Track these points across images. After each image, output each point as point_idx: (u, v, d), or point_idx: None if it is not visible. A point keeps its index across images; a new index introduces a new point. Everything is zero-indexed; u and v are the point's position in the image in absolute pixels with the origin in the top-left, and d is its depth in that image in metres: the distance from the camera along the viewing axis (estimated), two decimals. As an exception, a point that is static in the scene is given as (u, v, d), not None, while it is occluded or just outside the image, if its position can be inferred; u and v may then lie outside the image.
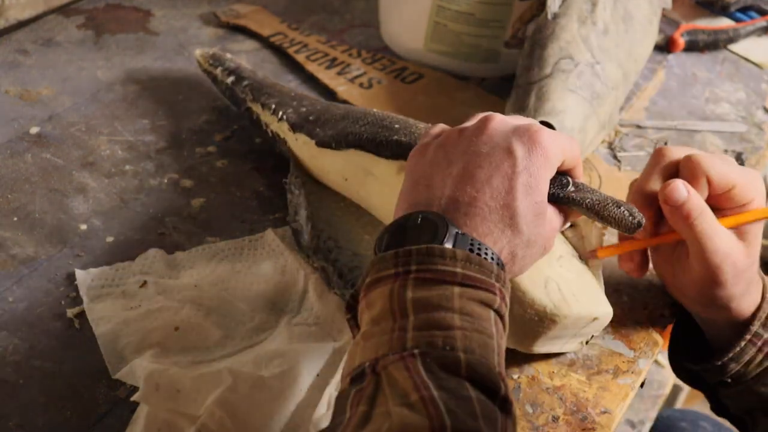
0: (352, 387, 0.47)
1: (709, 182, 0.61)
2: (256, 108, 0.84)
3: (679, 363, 0.70)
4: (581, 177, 0.60)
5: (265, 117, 0.82)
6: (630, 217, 0.57)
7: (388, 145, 0.69)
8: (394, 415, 0.43)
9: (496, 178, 0.54)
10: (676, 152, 0.63)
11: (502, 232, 0.53)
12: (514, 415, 0.46)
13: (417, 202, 0.55)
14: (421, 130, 0.69)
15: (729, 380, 0.65)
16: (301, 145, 0.77)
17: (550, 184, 0.57)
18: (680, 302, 0.68)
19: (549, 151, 0.55)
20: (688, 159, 0.62)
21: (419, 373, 0.45)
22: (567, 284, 0.62)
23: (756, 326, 0.64)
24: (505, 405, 0.46)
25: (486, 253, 0.52)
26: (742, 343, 0.63)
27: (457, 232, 0.52)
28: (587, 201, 0.58)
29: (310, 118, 0.77)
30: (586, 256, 0.65)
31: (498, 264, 0.52)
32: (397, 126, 0.70)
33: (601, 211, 0.57)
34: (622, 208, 0.57)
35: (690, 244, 0.61)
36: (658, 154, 0.64)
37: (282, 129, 0.80)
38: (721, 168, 0.61)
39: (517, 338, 0.62)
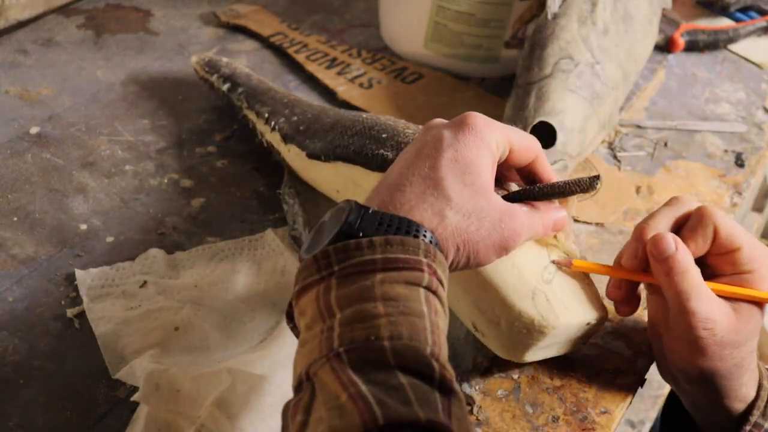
0: (293, 398, 0.46)
1: (715, 235, 0.59)
2: (252, 116, 0.84)
3: None
4: (547, 169, 0.60)
5: (260, 126, 0.82)
6: (586, 178, 0.58)
7: (374, 159, 0.69)
8: (325, 419, 0.43)
9: (420, 159, 0.54)
10: (691, 203, 0.61)
11: (423, 198, 0.52)
12: (457, 393, 0.45)
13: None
14: (409, 137, 0.69)
15: None
16: (294, 157, 0.77)
17: (514, 192, 0.58)
18: (674, 387, 0.65)
19: (480, 131, 0.55)
20: (701, 208, 0.60)
21: (345, 371, 0.44)
22: (555, 293, 0.61)
23: (756, 416, 0.61)
24: (444, 385, 0.44)
25: (401, 225, 0.50)
26: None
27: (365, 211, 0.50)
28: (539, 187, 0.58)
29: (301, 128, 0.77)
30: (559, 263, 0.62)
31: (423, 235, 0.50)
32: (384, 136, 0.70)
33: (553, 188, 0.58)
34: (576, 178, 0.58)
35: (670, 302, 0.59)
36: (672, 201, 0.62)
37: (275, 139, 0.80)
38: (731, 225, 0.59)
39: (508, 350, 0.62)
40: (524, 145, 0.58)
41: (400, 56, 1.04)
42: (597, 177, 0.58)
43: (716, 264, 0.60)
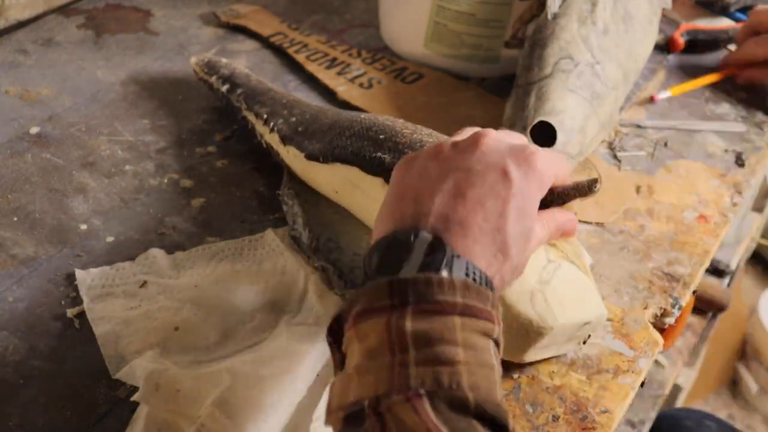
0: (348, 427, 0.45)
1: None
2: (251, 117, 0.84)
3: None
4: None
5: (259, 127, 0.82)
6: (584, 182, 0.58)
7: (371, 162, 0.69)
8: None
9: (489, 199, 0.52)
10: None
11: (495, 256, 0.51)
12: None
13: (402, 216, 0.52)
14: (407, 137, 0.69)
15: None
16: (293, 158, 0.77)
17: None
18: None
19: (544, 176, 0.54)
20: None
21: (428, 414, 0.44)
22: (554, 294, 0.61)
23: None
24: None
25: (481, 279, 0.50)
26: None
27: (453, 255, 0.49)
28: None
29: (299, 129, 0.77)
30: None
31: (491, 289, 0.50)
32: (382, 137, 0.70)
33: (551, 194, 0.58)
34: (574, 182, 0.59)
35: None
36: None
37: (274, 140, 0.80)
38: None
39: (507, 350, 0.61)
40: (563, 174, 0.57)
41: (400, 56, 1.04)
42: (595, 180, 0.57)
43: None
